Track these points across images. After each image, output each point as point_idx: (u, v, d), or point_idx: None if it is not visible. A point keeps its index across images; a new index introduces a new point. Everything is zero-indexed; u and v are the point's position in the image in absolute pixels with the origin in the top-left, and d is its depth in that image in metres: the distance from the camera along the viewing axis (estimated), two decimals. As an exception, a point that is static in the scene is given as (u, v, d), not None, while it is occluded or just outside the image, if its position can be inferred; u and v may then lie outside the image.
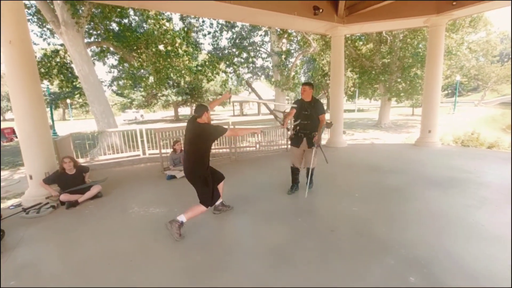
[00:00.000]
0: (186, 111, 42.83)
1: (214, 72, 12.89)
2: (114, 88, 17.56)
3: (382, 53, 15.46)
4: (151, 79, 13.15)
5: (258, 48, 16.60)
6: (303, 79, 33.26)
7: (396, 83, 15.80)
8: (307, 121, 3.67)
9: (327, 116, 4.11)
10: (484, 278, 2.03)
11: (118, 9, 8.94)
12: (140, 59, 10.58)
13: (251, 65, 17.00)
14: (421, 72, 14.23)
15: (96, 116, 8.58)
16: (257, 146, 7.75)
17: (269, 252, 2.49)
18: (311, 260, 2.35)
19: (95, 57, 12.09)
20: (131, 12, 10.48)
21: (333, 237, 2.73)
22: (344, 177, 4.81)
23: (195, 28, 13.50)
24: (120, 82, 16.63)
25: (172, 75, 12.86)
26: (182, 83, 25.05)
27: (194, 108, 2.90)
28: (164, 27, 10.19)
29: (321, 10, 5.84)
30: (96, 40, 10.35)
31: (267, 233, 2.86)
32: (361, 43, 16.22)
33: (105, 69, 27.67)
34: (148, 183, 4.80)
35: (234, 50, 15.42)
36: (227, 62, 14.92)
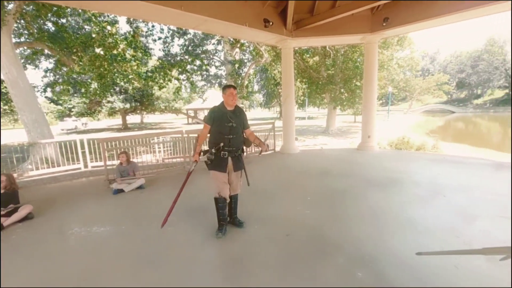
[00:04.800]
0: (136, 119, 40.19)
1: (166, 79, 12.48)
2: (49, 94, 15.64)
3: (327, 65, 16.81)
4: (95, 84, 12.12)
5: (211, 56, 16.59)
6: (256, 88, 34.17)
7: (339, 93, 17.27)
8: (232, 136, 2.85)
9: (279, 124, 4.03)
10: (420, 268, 2.32)
11: (55, 8, 8.09)
12: (81, 63, 9.66)
13: (204, 73, 16.86)
14: (361, 83, 15.83)
15: (26, 125, 7.49)
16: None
17: (227, 263, 2.47)
18: (269, 266, 2.40)
19: (26, 60, 10.68)
20: (69, 12, 9.57)
21: (289, 241, 2.84)
22: (297, 182, 5.04)
23: (144, 33, 12.91)
24: (57, 88, 14.89)
25: (118, 80, 12.04)
26: (130, 89, 23.56)
27: None
28: (106, 30, 9.50)
29: (271, 23, 6.13)
30: (28, 40, 9.16)
31: (224, 243, 2.83)
32: (308, 55, 17.42)
33: (40, 73, 24.51)
34: (91, 199, 4.36)
35: (187, 57, 15.14)
36: (180, 69, 14.58)
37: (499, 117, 33.75)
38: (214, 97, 31.87)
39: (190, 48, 15.27)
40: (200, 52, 15.79)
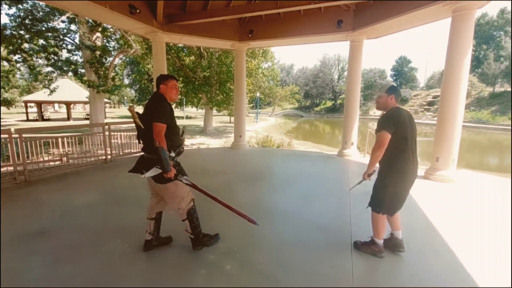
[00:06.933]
0: None
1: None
2: None
3: (203, 66, 17.09)
4: None
5: (61, 37, 13.26)
6: (126, 82, 30.25)
7: (215, 95, 17.96)
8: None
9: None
10: (276, 250, 2.72)
11: None
12: None
13: (52, 56, 13.17)
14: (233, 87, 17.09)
15: None
16: (64, 159, 6.20)
17: (78, 289, 2.05)
18: (138, 282, 2.17)
19: None
20: None
21: (160, 250, 2.67)
22: (171, 184, 4.83)
23: None
24: None
25: None
26: None
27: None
28: None
29: (138, 11, 5.57)
30: None
31: (75, 271, 2.30)
32: (184, 54, 17.11)
33: None
34: None
35: (22, 32, 11.50)
36: (11, 47, 10.92)
37: (329, 121, 45.42)
38: (68, 88, 25.72)
39: (28, 21, 11.66)
40: (44, 29, 12.31)
